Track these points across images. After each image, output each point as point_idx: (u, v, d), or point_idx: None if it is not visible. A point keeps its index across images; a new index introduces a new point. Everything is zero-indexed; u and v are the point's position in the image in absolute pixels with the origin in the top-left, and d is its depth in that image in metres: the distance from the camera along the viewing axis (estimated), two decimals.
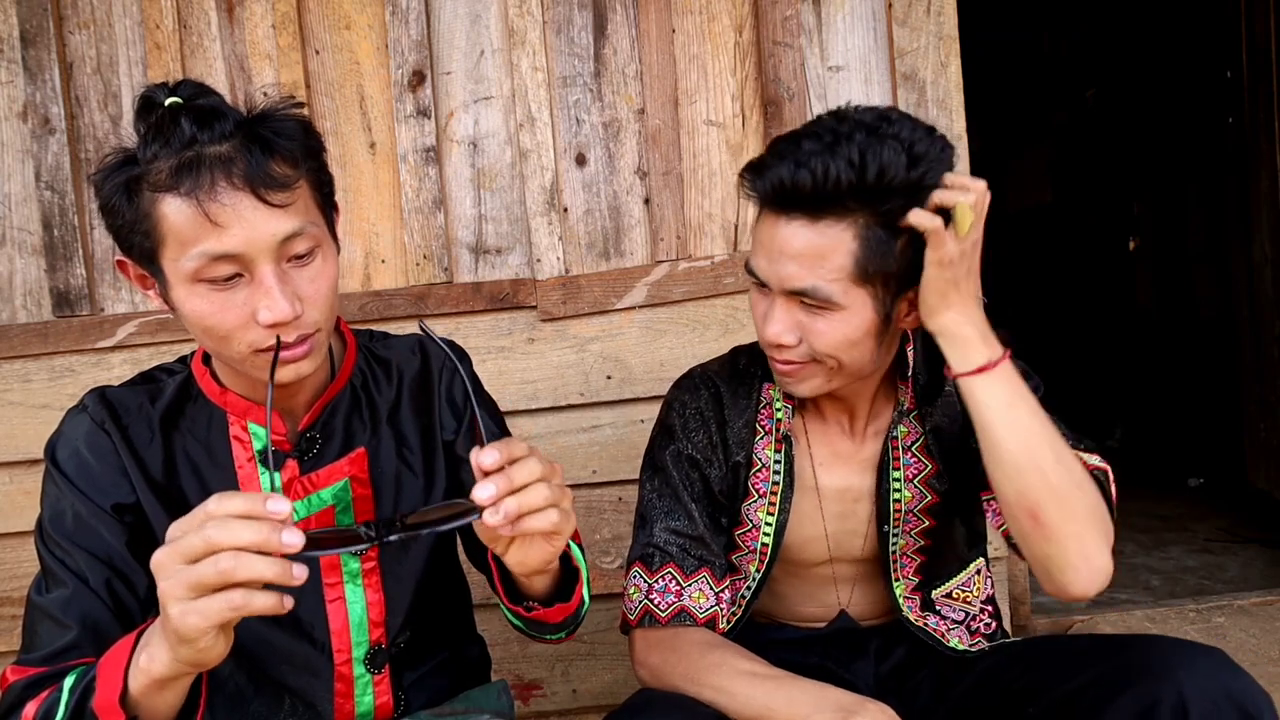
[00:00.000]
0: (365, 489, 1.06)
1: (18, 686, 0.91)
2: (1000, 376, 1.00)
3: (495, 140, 1.81)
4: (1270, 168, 2.65)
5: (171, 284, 0.90)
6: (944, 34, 1.76)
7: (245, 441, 1.03)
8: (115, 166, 0.89)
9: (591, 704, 1.83)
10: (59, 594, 0.96)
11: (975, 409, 1.01)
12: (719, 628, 1.17)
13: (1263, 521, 2.96)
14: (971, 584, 1.26)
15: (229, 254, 0.88)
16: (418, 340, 1.15)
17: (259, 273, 0.89)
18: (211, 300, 0.89)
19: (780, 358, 1.08)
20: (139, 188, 0.88)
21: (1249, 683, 0.94)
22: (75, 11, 1.80)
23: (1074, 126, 5.18)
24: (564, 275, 1.80)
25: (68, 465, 0.99)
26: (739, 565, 1.23)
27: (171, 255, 0.88)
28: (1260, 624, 2.06)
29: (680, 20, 1.80)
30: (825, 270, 1.00)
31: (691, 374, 1.25)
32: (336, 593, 1.05)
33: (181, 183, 0.86)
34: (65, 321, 1.80)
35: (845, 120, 1.00)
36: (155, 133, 0.87)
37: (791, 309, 1.04)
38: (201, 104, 0.89)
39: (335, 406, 1.07)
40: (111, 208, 0.89)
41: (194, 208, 0.86)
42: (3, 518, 1.82)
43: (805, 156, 0.98)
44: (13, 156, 1.80)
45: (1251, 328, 2.94)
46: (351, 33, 1.80)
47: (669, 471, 1.19)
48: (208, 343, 0.94)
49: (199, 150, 0.87)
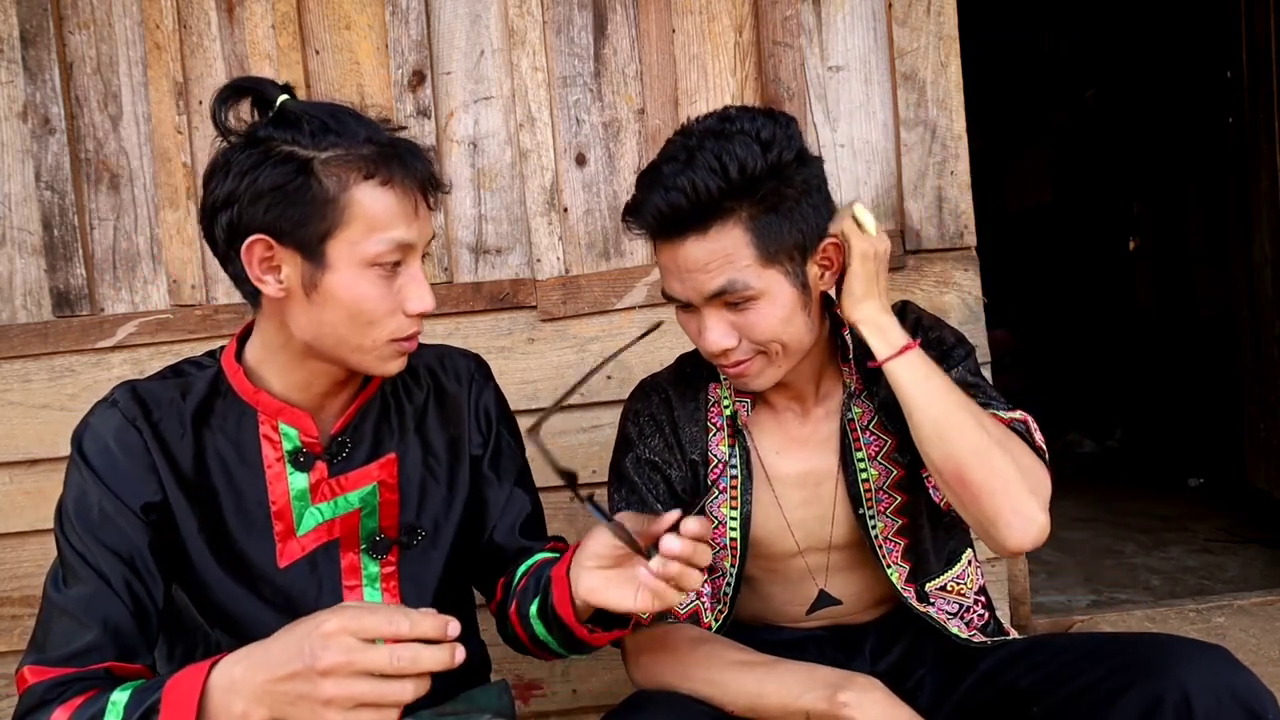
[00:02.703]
0: (393, 494, 1.08)
1: (39, 688, 0.90)
2: (915, 355, 1.10)
3: (495, 140, 1.81)
4: (1270, 168, 2.65)
5: (335, 266, 0.94)
6: (944, 34, 1.76)
7: (275, 441, 1.03)
8: (266, 153, 0.92)
9: (591, 704, 1.83)
10: (79, 591, 0.95)
11: (899, 388, 1.09)
12: (704, 623, 1.18)
13: (1263, 521, 2.96)
14: (965, 576, 1.27)
15: (412, 243, 0.96)
16: (443, 351, 1.19)
17: (414, 265, 0.98)
18: (377, 284, 0.95)
19: (728, 362, 1.12)
20: (319, 171, 0.92)
21: (1252, 680, 0.94)
22: (75, 11, 1.80)
23: (1074, 126, 5.18)
24: (564, 275, 1.80)
25: (96, 460, 0.98)
26: (715, 563, 1.23)
27: (353, 238, 0.93)
28: (1260, 624, 2.06)
29: (680, 20, 1.80)
30: (733, 267, 1.06)
31: (642, 384, 1.31)
32: (355, 596, 1.06)
33: (380, 172, 0.93)
34: (65, 321, 1.80)
35: (691, 134, 1.07)
36: (320, 125, 0.93)
37: (720, 313, 1.09)
38: (345, 106, 0.97)
39: (366, 411, 1.09)
40: (295, 188, 0.92)
41: (398, 197, 0.94)
42: (3, 518, 1.81)
43: (670, 180, 1.04)
44: (13, 156, 1.80)
45: (1251, 328, 2.94)
46: (351, 33, 1.80)
47: (631, 478, 1.22)
48: (350, 329, 0.97)
49: (384, 147, 0.95)
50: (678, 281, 1.09)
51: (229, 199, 0.93)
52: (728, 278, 1.06)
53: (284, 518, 1.04)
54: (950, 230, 1.78)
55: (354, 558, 1.07)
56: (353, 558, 1.07)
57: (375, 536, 1.07)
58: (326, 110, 0.95)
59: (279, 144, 0.92)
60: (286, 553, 1.04)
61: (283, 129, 0.93)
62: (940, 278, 1.78)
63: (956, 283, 1.78)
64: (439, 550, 1.11)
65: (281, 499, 1.04)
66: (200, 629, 1.06)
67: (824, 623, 1.27)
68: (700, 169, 1.03)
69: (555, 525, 1.79)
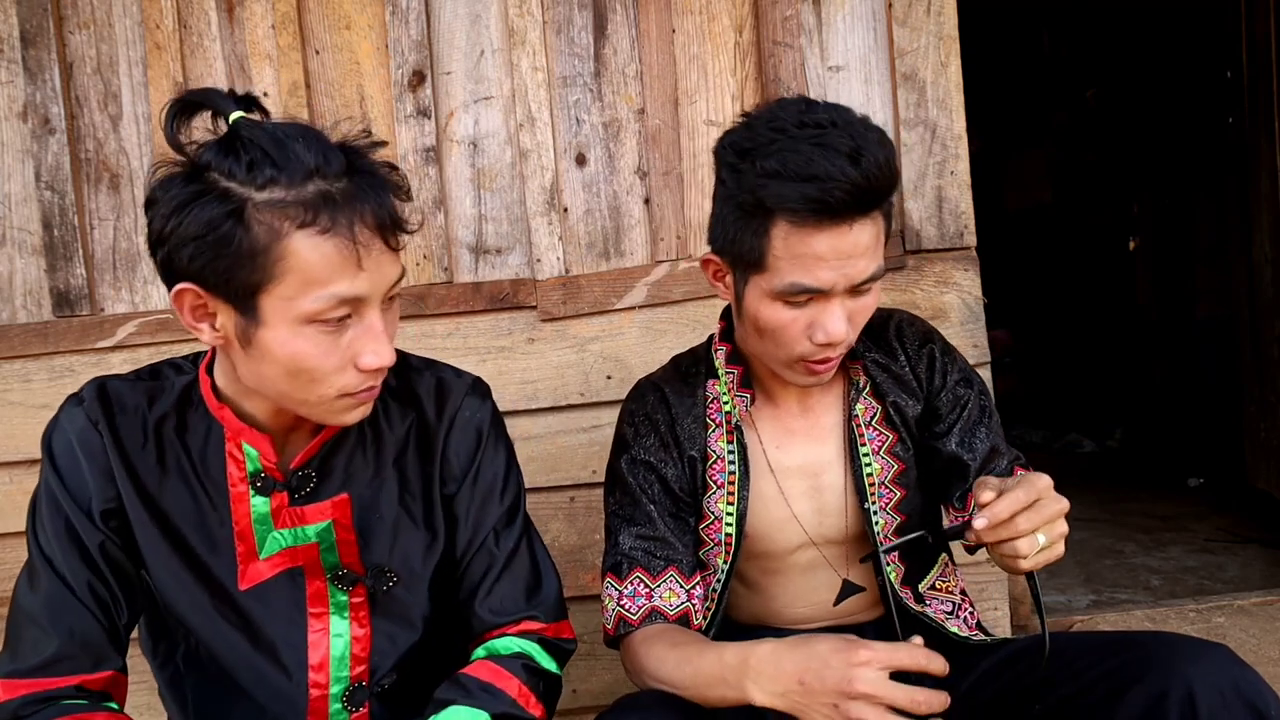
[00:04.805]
0: (349, 534, 1.01)
1: (11, 706, 0.90)
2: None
3: (495, 140, 1.81)
4: (1270, 168, 2.65)
5: (268, 323, 0.84)
6: (944, 34, 1.76)
7: (239, 460, 0.98)
8: (200, 190, 0.81)
9: (591, 704, 1.83)
10: (44, 595, 0.95)
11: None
12: (694, 624, 1.18)
13: (1263, 521, 2.96)
14: (948, 574, 1.29)
15: (359, 296, 0.85)
16: (440, 373, 1.09)
17: (368, 317, 0.87)
18: (319, 342, 0.85)
19: (833, 354, 1.09)
20: (250, 217, 0.81)
21: (1256, 678, 0.94)
22: (75, 11, 1.80)
23: (1074, 126, 5.18)
24: (564, 275, 1.80)
25: (61, 461, 0.97)
26: (708, 560, 1.24)
27: (286, 293, 0.83)
28: (1260, 624, 2.05)
29: (680, 20, 1.80)
30: (880, 250, 1.06)
31: (638, 384, 1.29)
32: (321, 624, 1.01)
33: (319, 220, 0.81)
34: (65, 321, 1.80)
35: (827, 121, 1.01)
36: (261, 155, 0.81)
37: (845, 302, 1.06)
38: (305, 127, 0.84)
39: (338, 443, 1.02)
40: (220, 237, 0.81)
41: (339, 249, 0.82)
42: (3, 518, 1.81)
43: (859, 156, 0.98)
44: (13, 156, 1.80)
45: (1251, 328, 2.94)
46: (351, 33, 1.80)
47: (626, 480, 1.21)
48: (290, 385, 0.88)
49: (327, 185, 0.83)
50: (827, 269, 1.02)
51: (160, 238, 0.84)
52: (879, 262, 1.05)
53: (246, 539, 0.99)
54: (950, 230, 1.78)
55: (321, 585, 1.02)
56: (319, 585, 1.02)
57: (339, 570, 1.02)
58: (272, 138, 0.82)
59: (216, 178, 0.82)
60: (249, 575, 1.00)
61: (223, 157, 0.82)
62: (940, 278, 1.78)
63: (956, 283, 1.78)
64: (415, 595, 1.04)
65: (244, 520, 0.99)
66: (180, 629, 1.03)
67: (823, 623, 1.27)
68: (875, 146, 0.99)
69: (555, 525, 1.80)
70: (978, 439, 1.20)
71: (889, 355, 1.24)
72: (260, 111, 0.88)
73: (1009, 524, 0.91)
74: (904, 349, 1.24)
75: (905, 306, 1.74)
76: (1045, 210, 5.36)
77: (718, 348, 1.25)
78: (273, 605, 1.00)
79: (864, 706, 0.89)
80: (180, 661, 1.04)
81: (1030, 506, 0.91)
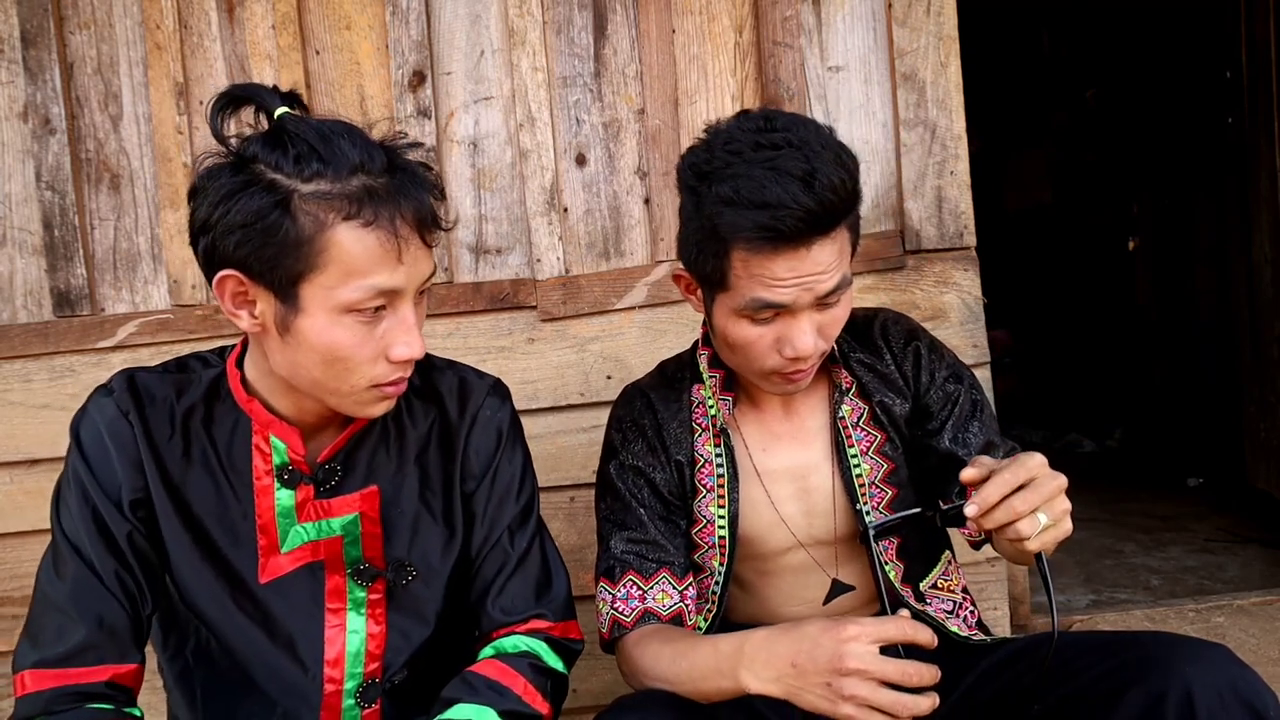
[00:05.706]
0: (375, 527, 1.04)
1: (42, 698, 0.90)
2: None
3: (495, 140, 1.81)
4: (1270, 168, 2.65)
5: (308, 311, 0.88)
6: (944, 34, 1.76)
7: (266, 453, 1.00)
8: (247, 181, 0.85)
9: (591, 704, 1.83)
10: (71, 582, 0.95)
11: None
12: (687, 624, 1.18)
13: (1263, 521, 2.96)
14: (950, 574, 1.29)
15: (396, 289, 0.89)
16: (461, 373, 1.12)
17: (402, 309, 0.91)
18: (355, 332, 0.89)
19: (806, 366, 1.10)
20: (296, 208, 0.85)
21: (1254, 678, 0.94)
22: (75, 12, 1.80)
23: (1074, 126, 5.18)
24: (564, 275, 1.80)
25: (90, 450, 0.97)
26: (704, 563, 1.24)
27: (327, 283, 0.86)
28: (1260, 624, 2.05)
29: (680, 20, 1.80)
30: (844, 263, 1.06)
31: (625, 390, 1.30)
32: (338, 619, 1.03)
33: (363, 212, 0.85)
34: (66, 321, 1.80)
35: (783, 141, 0.99)
36: (307, 149, 0.85)
37: (813, 315, 1.06)
38: (348, 124, 0.89)
39: (363, 437, 1.04)
40: (267, 226, 0.84)
41: (381, 241, 0.86)
42: (3, 518, 1.82)
43: (813, 179, 0.98)
44: (13, 156, 1.80)
45: (1251, 328, 2.94)
46: (352, 33, 1.80)
47: (616, 485, 1.22)
48: (325, 373, 0.91)
49: (371, 180, 0.86)
50: (787, 287, 1.03)
51: (205, 226, 0.88)
52: (841, 274, 1.05)
53: (269, 532, 1.01)
54: (950, 230, 1.78)
55: (340, 580, 1.03)
56: (339, 580, 1.03)
57: (360, 565, 1.04)
58: (318, 133, 0.87)
59: (263, 169, 0.86)
60: (269, 568, 1.01)
61: (270, 150, 0.86)
62: (940, 278, 1.78)
63: (956, 283, 1.78)
64: (432, 590, 1.06)
65: (267, 513, 1.00)
66: (191, 622, 1.04)
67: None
68: (830, 166, 0.99)
69: (555, 525, 1.80)
70: (971, 434, 1.20)
71: (874, 355, 1.24)
72: (301, 108, 0.92)
73: (1005, 506, 0.89)
74: (889, 347, 1.24)
75: (904, 306, 1.75)
76: (1045, 210, 5.36)
77: (701, 352, 1.26)
78: (291, 599, 1.01)
79: (856, 682, 0.89)
80: (190, 655, 1.05)
81: (1025, 486, 0.90)
